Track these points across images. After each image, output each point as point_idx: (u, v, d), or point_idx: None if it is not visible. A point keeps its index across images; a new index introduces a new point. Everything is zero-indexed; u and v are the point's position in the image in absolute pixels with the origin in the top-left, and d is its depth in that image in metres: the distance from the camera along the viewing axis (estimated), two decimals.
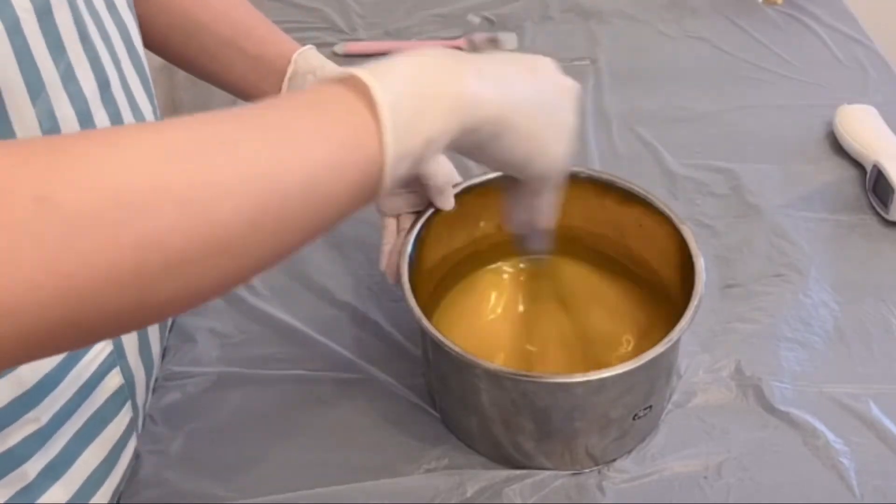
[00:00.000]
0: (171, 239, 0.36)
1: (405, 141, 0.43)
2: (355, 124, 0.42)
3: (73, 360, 0.57)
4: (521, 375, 0.60)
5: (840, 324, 0.76)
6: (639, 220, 0.72)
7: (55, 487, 0.59)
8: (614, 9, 1.19)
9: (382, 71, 0.44)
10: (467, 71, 0.47)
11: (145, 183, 0.35)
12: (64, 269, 0.33)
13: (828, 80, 1.05)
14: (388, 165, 0.42)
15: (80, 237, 0.34)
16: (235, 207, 0.37)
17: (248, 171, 0.38)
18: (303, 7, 1.19)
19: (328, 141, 0.41)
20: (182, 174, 0.37)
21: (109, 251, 0.34)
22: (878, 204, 0.86)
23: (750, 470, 0.66)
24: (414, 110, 0.43)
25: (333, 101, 0.43)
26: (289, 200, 0.39)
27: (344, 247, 0.85)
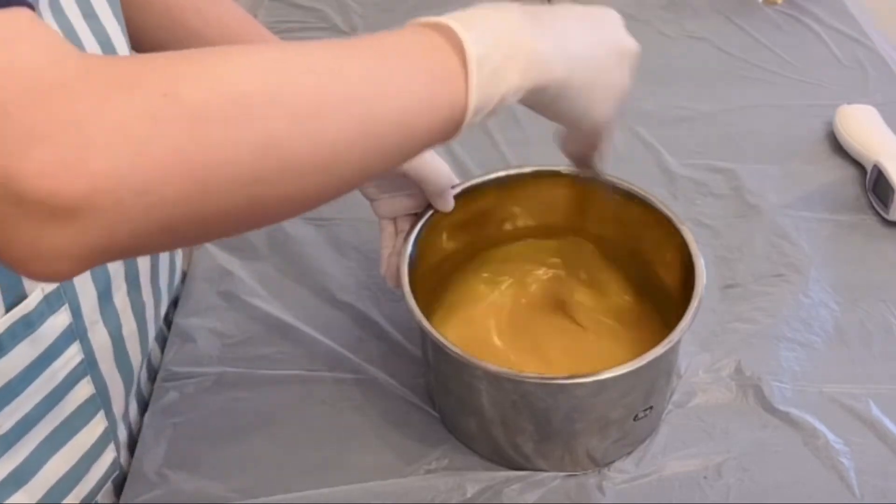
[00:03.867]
0: (283, 142, 0.39)
1: (486, 94, 0.46)
2: (445, 72, 0.45)
3: (37, 368, 0.56)
4: (521, 376, 0.60)
5: (840, 324, 0.76)
6: (639, 220, 0.72)
7: (19, 494, 0.58)
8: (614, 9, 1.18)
9: (473, 23, 0.46)
10: (542, 32, 0.49)
11: (262, 89, 0.39)
12: (188, 157, 0.36)
13: (828, 80, 1.05)
14: (469, 113, 0.46)
15: (202, 130, 0.37)
16: (339, 125, 0.41)
17: (352, 93, 0.42)
18: (303, 7, 1.19)
19: (421, 80, 0.44)
20: (295, 87, 0.40)
21: (229, 147, 0.37)
22: (878, 204, 0.86)
23: (750, 470, 0.66)
24: (496, 66, 0.46)
25: (427, 46, 0.45)
26: (383, 126, 0.43)
27: (344, 247, 0.85)
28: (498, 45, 0.46)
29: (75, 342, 0.58)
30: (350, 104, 0.41)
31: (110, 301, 0.62)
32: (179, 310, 0.79)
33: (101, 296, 0.60)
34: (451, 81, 0.45)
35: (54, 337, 0.57)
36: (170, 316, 0.79)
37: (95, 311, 0.60)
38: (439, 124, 0.45)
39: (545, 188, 0.74)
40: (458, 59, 0.45)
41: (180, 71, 0.38)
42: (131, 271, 0.64)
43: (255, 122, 0.38)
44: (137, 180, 0.35)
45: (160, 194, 0.36)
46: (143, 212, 0.36)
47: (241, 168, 0.38)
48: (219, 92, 0.37)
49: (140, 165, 0.35)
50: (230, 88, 0.38)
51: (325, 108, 0.40)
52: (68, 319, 0.57)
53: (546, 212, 0.76)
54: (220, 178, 0.37)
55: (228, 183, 0.38)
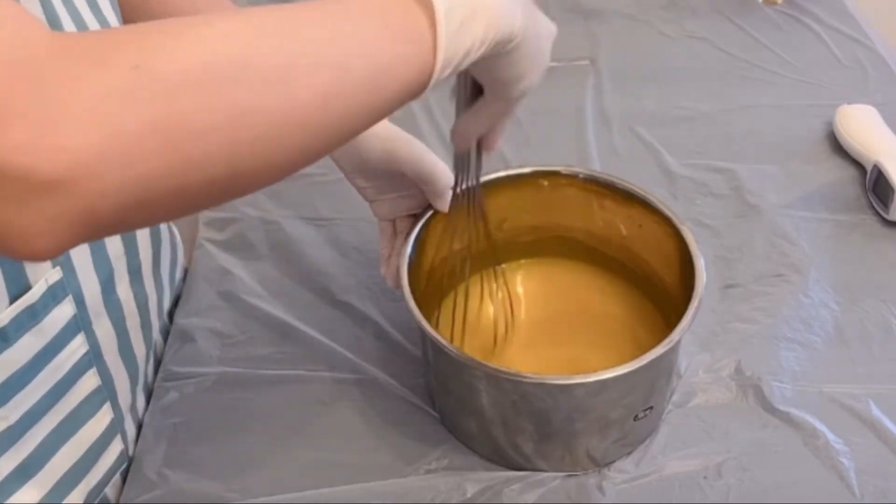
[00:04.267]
0: (258, 109, 0.39)
1: (452, 50, 0.46)
2: (413, 26, 0.45)
3: (43, 359, 0.57)
4: (521, 377, 0.60)
5: (840, 324, 0.76)
6: (639, 220, 0.72)
7: (27, 487, 0.58)
8: (614, 9, 1.19)
9: None
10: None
11: (233, 55, 0.39)
12: (163, 128, 0.36)
13: (828, 80, 1.05)
14: (438, 68, 0.46)
15: (175, 100, 0.37)
16: (310, 87, 0.41)
17: (322, 56, 0.42)
18: None
19: (390, 39, 0.45)
20: (265, 52, 0.40)
21: (203, 115, 0.37)
22: (878, 204, 0.86)
23: (750, 470, 0.66)
24: (462, 19, 0.47)
25: (394, 2, 0.46)
26: (354, 86, 0.43)
27: (344, 247, 0.85)
28: (463, 0, 0.47)
29: (80, 333, 0.59)
30: (320, 66, 0.42)
31: (113, 292, 0.62)
32: (179, 310, 0.79)
33: (104, 287, 0.60)
34: (419, 37, 0.45)
35: (59, 328, 0.57)
36: (173, 313, 0.80)
37: (99, 302, 0.60)
38: (409, 81, 0.46)
39: (545, 188, 0.74)
40: (424, 15, 0.45)
41: (150, 42, 0.38)
42: (133, 262, 0.64)
43: (228, 88, 0.38)
44: (115, 153, 0.35)
45: (139, 167, 0.36)
46: (123, 185, 0.36)
47: (217, 136, 0.38)
48: (190, 61, 0.38)
49: (116, 139, 0.35)
50: (201, 57, 0.38)
51: (295, 70, 0.41)
52: (72, 310, 0.58)
53: (546, 212, 0.76)
54: (197, 148, 0.38)
55: (205, 152, 0.38)
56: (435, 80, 0.47)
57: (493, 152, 0.63)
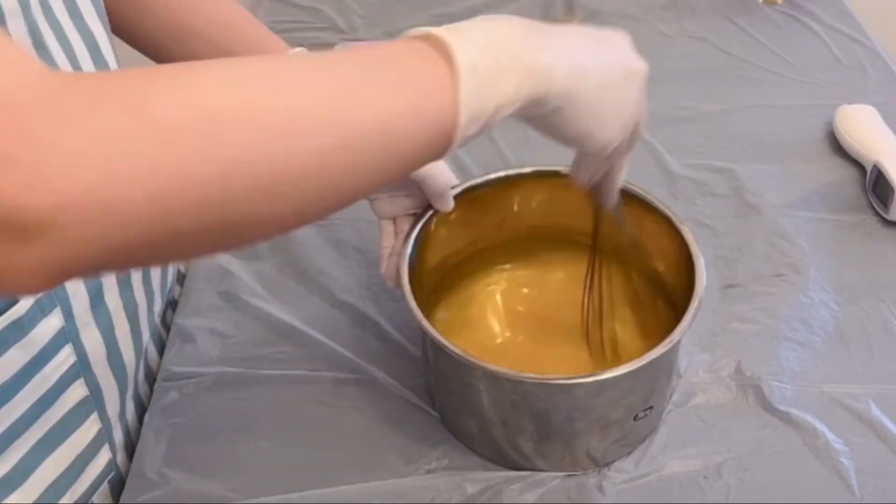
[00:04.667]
0: (255, 160, 0.37)
1: (478, 104, 0.44)
2: (433, 82, 0.43)
3: (30, 371, 0.56)
4: (521, 377, 0.60)
5: (840, 324, 0.76)
6: (639, 220, 0.71)
7: (13, 497, 0.58)
8: (614, 9, 1.19)
9: (463, 33, 0.45)
10: (541, 42, 0.47)
11: (233, 104, 0.37)
12: (153, 175, 0.35)
13: (828, 80, 1.05)
14: (461, 126, 0.44)
15: (170, 147, 0.35)
16: (314, 141, 0.39)
17: (328, 109, 0.40)
18: (303, 7, 1.19)
19: (406, 93, 0.43)
20: (267, 101, 0.38)
21: (198, 164, 0.36)
22: (878, 204, 0.86)
23: (750, 470, 0.66)
24: (489, 75, 0.44)
25: (414, 57, 0.44)
26: (363, 142, 0.41)
27: (344, 247, 0.85)
28: (490, 53, 0.44)
29: (67, 345, 0.58)
30: (326, 119, 0.40)
31: (102, 302, 0.61)
32: (179, 310, 0.79)
33: (92, 297, 0.60)
34: (438, 92, 0.43)
35: (46, 340, 0.56)
36: (167, 317, 0.79)
37: (88, 312, 0.60)
38: (427, 138, 0.43)
39: (545, 188, 0.74)
40: (447, 70, 0.43)
41: (148, 87, 0.36)
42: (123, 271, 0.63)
43: (225, 139, 0.37)
44: (102, 198, 0.34)
45: (125, 212, 0.35)
46: (109, 230, 0.35)
47: (210, 186, 0.37)
48: (187, 108, 0.36)
49: (104, 183, 0.34)
50: (200, 104, 0.37)
51: (298, 124, 0.39)
52: (60, 322, 0.57)
53: (546, 212, 0.76)
54: (189, 197, 0.36)
55: (197, 201, 0.36)
56: (460, 137, 0.44)
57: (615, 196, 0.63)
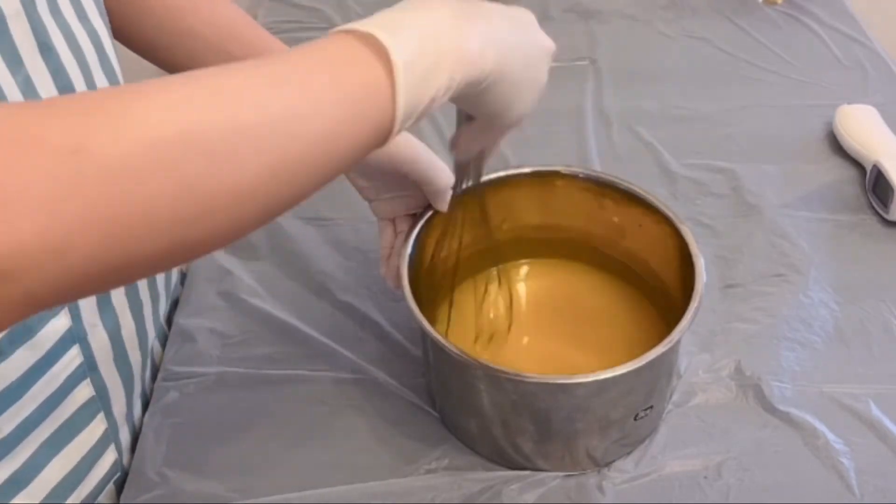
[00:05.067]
0: (202, 185, 0.38)
1: (415, 99, 0.44)
2: (370, 82, 0.43)
3: (37, 372, 0.56)
4: (521, 377, 0.60)
5: (840, 324, 0.76)
6: (639, 220, 0.72)
7: (19, 497, 0.58)
8: (614, 9, 1.19)
9: (395, 28, 0.45)
10: (470, 27, 0.48)
11: (176, 132, 0.37)
12: (104, 213, 0.35)
13: (828, 80, 1.05)
14: (398, 121, 0.44)
15: (116, 185, 0.35)
16: (259, 159, 0.39)
17: (269, 122, 0.40)
18: (303, 7, 1.19)
19: (344, 97, 0.43)
20: (208, 124, 0.38)
21: (146, 198, 0.36)
22: (878, 204, 0.86)
23: (750, 470, 0.66)
24: (424, 70, 0.45)
25: (349, 57, 0.44)
26: (307, 149, 0.41)
27: (344, 247, 0.85)
28: (424, 47, 0.45)
29: (75, 345, 0.58)
30: (269, 133, 0.40)
31: (109, 303, 0.61)
32: (180, 310, 0.79)
33: (100, 298, 0.60)
34: (377, 93, 0.43)
35: (54, 341, 0.57)
36: (171, 316, 0.79)
37: (94, 313, 0.60)
38: (366, 138, 0.44)
39: (545, 188, 0.74)
40: (383, 69, 0.43)
41: (89, 121, 0.36)
42: None
43: (171, 168, 0.37)
44: (53, 241, 0.34)
45: (77, 253, 0.35)
46: (62, 270, 0.35)
47: (161, 215, 0.37)
48: (131, 142, 0.36)
49: (54, 227, 0.34)
50: (142, 136, 0.36)
51: (241, 142, 0.39)
52: (68, 323, 0.57)
53: (546, 212, 0.76)
54: (141, 229, 0.36)
55: (149, 231, 0.37)
56: (397, 131, 0.45)
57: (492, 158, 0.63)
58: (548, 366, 0.71)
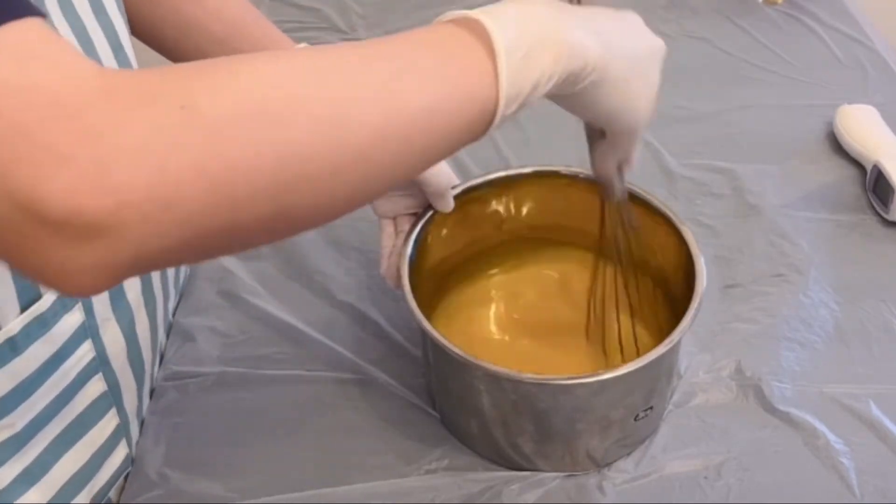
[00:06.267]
0: (305, 150, 0.39)
1: (517, 83, 0.45)
2: (473, 65, 0.44)
3: (51, 367, 0.57)
4: (521, 377, 0.60)
5: (840, 324, 0.76)
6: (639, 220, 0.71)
7: (31, 491, 0.59)
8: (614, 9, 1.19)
9: (498, 14, 0.46)
10: (571, 20, 0.49)
11: (282, 95, 0.38)
12: (210, 168, 0.36)
13: (828, 80, 1.05)
14: (502, 105, 0.45)
15: (222, 142, 0.36)
16: (363, 127, 0.40)
17: (373, 98, 0.41)
18: (303, 7, 1.19)
19: (448, 77, 0.44)
20: (315, 91, 0.40)
21: (250, 157, 0.37)
22: (878, 204, 0.86)
23: (750, 470, 0.66)
24: (526, 55, 0.45)
25: (453, 41, 0.45)
26: (410, 126, 0.42)
27: (344, 247, 0.85)
28: (526, 32, 0.45)
29: (87, 340, 0.59)
30: (373, 108, 0.41)
31: (123, 298, 0.62)
32: (180, 309, 0.79)
33: (113, 294, 0.61)
34: (479, 74, 0.44)
35: (68, 335, 0.57)
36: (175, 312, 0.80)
37: (108, 308, 0.60)
38: (471, 120, 0.45)
39: (545, 188, 0.74)
40: (485, 51, 0.44)
41: (198, 82, 0.37)
42: None
43: (276, 130, 0.38)
44: (162, 194, 0.35)
45: (185, 207, 0.36)
46: (170, 225, 0.36)
47: (264, 177, 0.37)
48: (238, 102, 0.37)
49: (163, 180, 0.35)
50: (249, 97, 0.38)
51: (345, 111, 0.40)
52: (81, 318, 0.58)
53: (546, 212, 0.76)
54: (245, 189, 0.37)
55: (253, 192, 0.37)
56: (500, 116, 0.45)
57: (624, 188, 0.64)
58: (547, 366, 0.71)
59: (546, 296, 0.77)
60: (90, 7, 0.57)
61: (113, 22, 0.59)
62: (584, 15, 0.50)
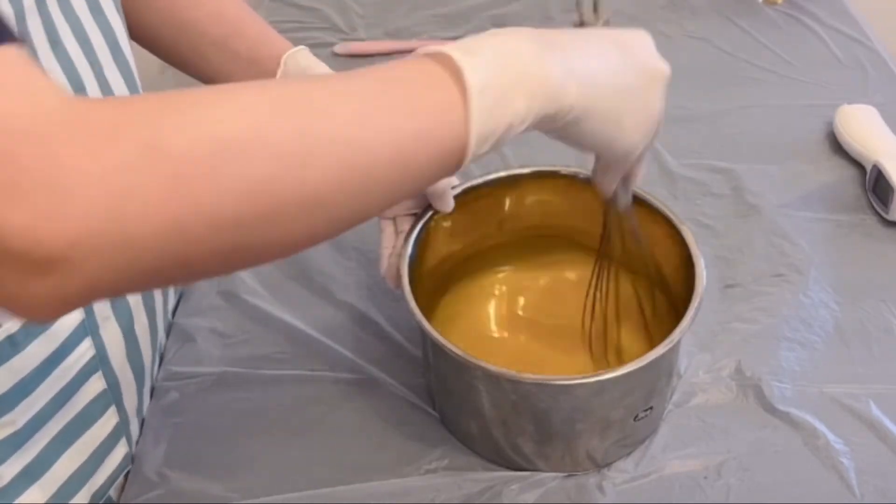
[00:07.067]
0: (267, 189, 0.38)
1: (489, 124, 0.44)
2: (443, 103, 0.43)
3: (51, 364, 0.57)
4: (521, 377, 0.60)
5: (840, 324, 0.76)
6: (639, 220, 0.71)
7: (32, 489, 0.59)
8: (614, 9, 1.17)
9: (473, 51, 0.45)
10: (552, 56, 0.47)
11: (246, 134, 0.38)
12: (170, 207, 0.36)
13: (828, 80, 1.05)
14: (472, 145, 0.44)
15: (185, 183, 0.36)
16: (326, 166, 0.40)
17: (340, 133, 0.40)
18: (303, 7, 1.19)
19: (416, 114, 0.43)
20: (280, 129, 0.39)
21: (212, 195, 0.37)
22: (878, 204, 0.86)
23: (750, 470, 0.66)
24: (499, 95, 0.44)
25: (424, 77, 0.44)
26: (376, 165, 0.41)
27: (344, 247, 0.85)
28: (501, 72, 0.44)
29: (87, 338, 0.59)
30: (338, 145, 0.40)
31: (122, 297, 0.62)
32: (180, 310, 0.79)
33: None
34: (449, 113, 0.43)
35: (67, 333, 0.57)
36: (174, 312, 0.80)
37: (107, 307, 0.61)
38: (439, 159, 0.44)
39: (545, 188, 0.74)
40: (457, 90, 0.43)
41: (164, 118, 0.37)
42: None
43: (239, 168, 0.37)
44: (118, 232, 0.35)
45: (141, 245, 0.35)
46: (125, 261, 0.36)
47: (224, 215, 0.37)
48: (201, 139, 0.37)
49: (121, 217, 0.34)
50: (213, 135, 0.37)
51: (310, 150, 0.39)
52: (81, 316, 0.58)
53: (546, 212, 0.76)
54: (203, 226, 0.37)
55: (211, 230, 0.37)
56: (471, 157, 0.45)
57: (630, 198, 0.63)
58: (548, 366, 0.71)
59: (546, 296, 0.77)
60: (87, 6, 0.57)
61: (110, 22, 0.59)
62: (575, 43, 0.49)
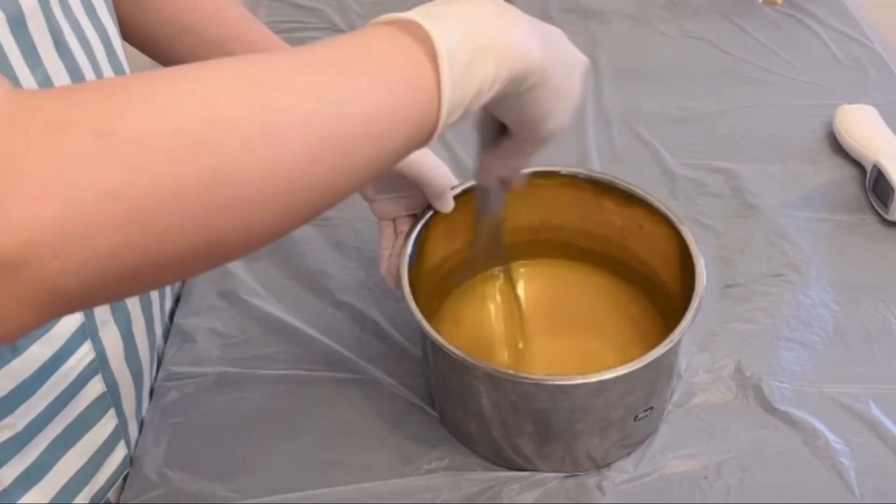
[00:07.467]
0: (234, 172, 0.35)
1: (460, 90, 0.43)
2: (414, 72, 0.42)
3: (51, 368, 0.57)
4: (520, 377, 0.60)
5: (840, 324, 0.76)
6: (639, 220, 0.71)
7: (32, 492, 0.59)
8: (614, 9, 1.19)
9: (438, 17, 0.43)
10: (514, 21, 0.47)
11: (207, 115, 0.35)
12: (128, 198, 0.33)
13: (828, 80, 1.05)
14: (444, 112, 0.43)
15: (141, 168, 0.33)
16: (296, 145, 0.37)
17: (309, 110, 0.38)
18: (303, 7, 1.19)
19: (387, 85, 0.41)
20: (244, 109, 0.36)
21: (174, 182, 0.34)
22: (878, 204, 0.86)
23: (750, 470, 0.66)
24: (469, 58, 0.43)
25: (392, 47, 0.42)
26: (348, 141, 0.39)
27: (344, 247, 0.85)
28: (469, 35, 0.43)
29: (87, 341, 0.59)
30: (307, 121, 0.38)
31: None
32: (180, 310, 0.79)
33: None
34: (420, 82, 0.42)
35: (67, 336, 0.57)
36: (173, 313, 0.80)
37: (107, 309, 0.61)
38: (411, 130, 0.42)
39: (545, 188, 0.74)
40: (426, 57, 0.42)
41: (114, 104, 0.34)
42: None
43: (201, 153, 0.34)
44: (75, 228, 0.32)
45: (104, 241, 0.33)
46: (86, 261, 0.33)
47: (188, 205, 0.34)
48: (158, 123, 0.34)
49: (77, 212, 0.32)
50: (170, 118, 0.34)
51: (275, 128, 0.36)
52: (81, 318, 0.58)
53: (546, 212, 0.76)
54: (168, 219, 0.34)
55: (177, 222, 0.34)
56: (443, 125, 0.43)
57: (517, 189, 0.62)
58: (547, 366, 0.71)
59: (545, 295, 0.77)
60: (82, 6, 0.57)
61: (104, 23, 0.59)
62: (524, 17, 0.48)
